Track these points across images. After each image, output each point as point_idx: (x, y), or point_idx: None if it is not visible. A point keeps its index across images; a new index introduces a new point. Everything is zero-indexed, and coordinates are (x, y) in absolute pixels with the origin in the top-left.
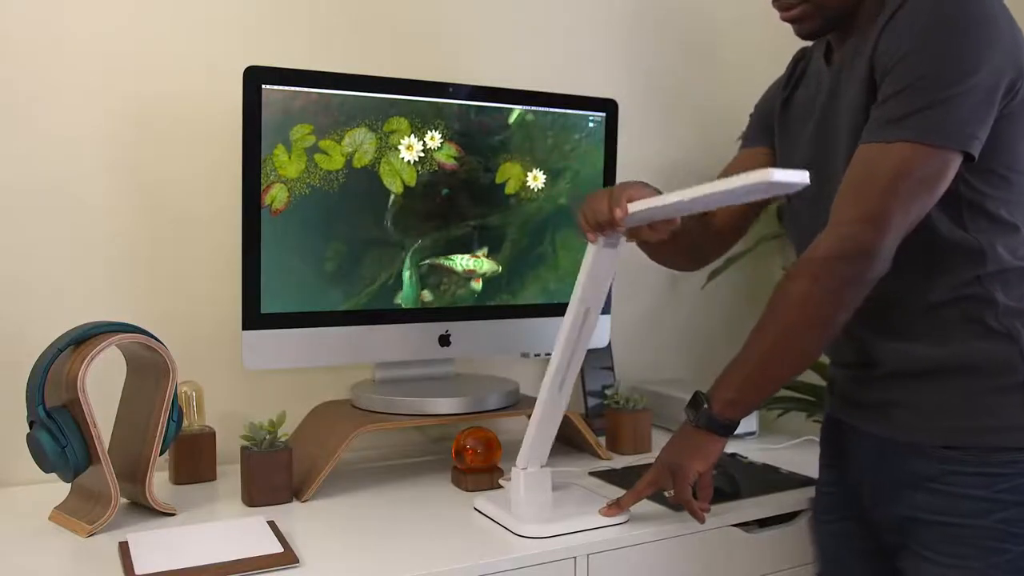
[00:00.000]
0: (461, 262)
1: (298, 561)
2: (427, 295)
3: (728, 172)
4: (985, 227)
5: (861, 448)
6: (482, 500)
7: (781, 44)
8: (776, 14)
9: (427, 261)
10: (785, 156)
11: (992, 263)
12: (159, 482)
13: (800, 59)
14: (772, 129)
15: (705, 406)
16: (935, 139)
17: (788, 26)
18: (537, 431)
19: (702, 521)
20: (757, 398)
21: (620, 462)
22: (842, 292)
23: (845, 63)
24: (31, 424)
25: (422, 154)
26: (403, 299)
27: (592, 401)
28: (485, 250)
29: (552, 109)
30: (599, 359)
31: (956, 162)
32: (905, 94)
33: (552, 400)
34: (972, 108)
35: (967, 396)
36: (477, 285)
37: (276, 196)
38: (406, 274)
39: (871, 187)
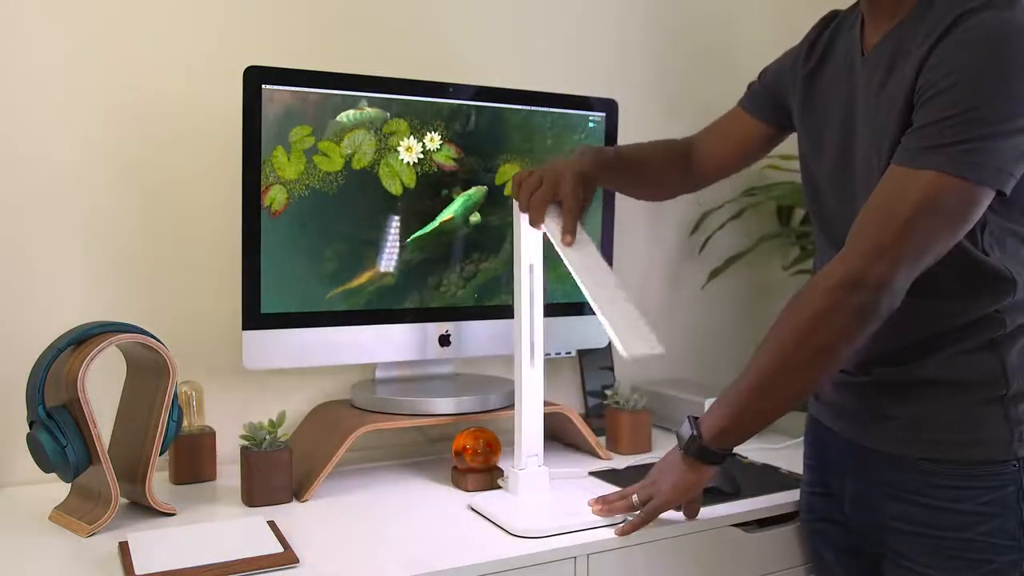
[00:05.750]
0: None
1: (298, 561)
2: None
3: (719, 129)
4: (1014, 259)
5: (840, 453)
6: (481, 500)
7: (783, 45)
8: (775, 15)
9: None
10: (814, 139)
11: (1020, 292)
12: (159, 482)
13: (824, 29)
14: (782, 108)
15: (694, 433)
16: (970, 173)
17: (790, 28)
18: (525, 422)
19: (691, 519)
20: (751, 428)
21: (620, 462)
22: (849, 327)
23: (877, 65)
24: (31, 424)
25: (421, 156)
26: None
27: (592, 401)
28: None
29: (552, 109)
30: (599, 359)
31: (988, 198)
32: (947, 123)
33: (528, 378)
34: (1014, 146)
35: (949, 409)
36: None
37: (275, 198)
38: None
39: (892, 217)
